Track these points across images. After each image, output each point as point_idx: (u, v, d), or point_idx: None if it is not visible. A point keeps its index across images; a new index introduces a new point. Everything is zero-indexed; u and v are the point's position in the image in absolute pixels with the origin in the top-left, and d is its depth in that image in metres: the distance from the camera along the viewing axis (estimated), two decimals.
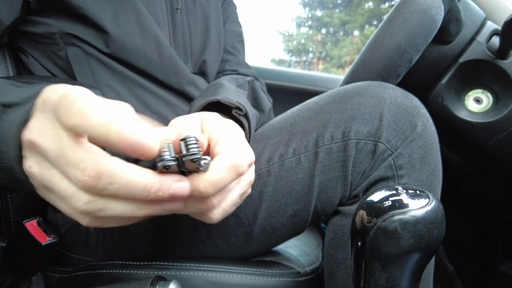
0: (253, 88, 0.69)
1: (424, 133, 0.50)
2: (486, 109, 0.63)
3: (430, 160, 0.50)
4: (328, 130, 0.51)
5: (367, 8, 15.03)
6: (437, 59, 0.63)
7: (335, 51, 15.33)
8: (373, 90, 0.52)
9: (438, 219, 0.32)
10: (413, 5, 0.56)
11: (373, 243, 0.32)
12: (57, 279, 0.58)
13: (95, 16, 0.53)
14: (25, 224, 0.43)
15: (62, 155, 0.29)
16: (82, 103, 0.28)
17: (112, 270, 0.55)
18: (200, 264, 0.55)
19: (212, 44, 0.72)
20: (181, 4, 0.66)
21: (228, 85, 0.62)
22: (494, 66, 0.60)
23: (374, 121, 0.49)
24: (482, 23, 0.64)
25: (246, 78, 0.70)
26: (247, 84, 0.68)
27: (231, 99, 0.52)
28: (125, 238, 0.58)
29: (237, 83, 0.66)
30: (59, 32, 0.54)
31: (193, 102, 0.59)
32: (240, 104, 0.52)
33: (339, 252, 0.52)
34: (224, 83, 0.63)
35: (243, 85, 0.66)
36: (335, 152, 0.50)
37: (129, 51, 0.56)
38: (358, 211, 0.35)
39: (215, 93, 0.56)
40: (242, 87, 0.65)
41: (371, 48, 0.59)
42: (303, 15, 17.45)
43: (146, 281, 0.39)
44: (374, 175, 0.49)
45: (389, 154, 0.49)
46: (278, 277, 0.55)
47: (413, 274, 0.34)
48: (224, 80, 0.65)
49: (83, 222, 0.30)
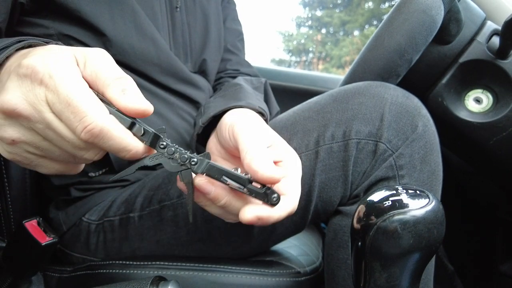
0: (266, 91, 0.69)
1: (424, 133, 0.50)
2: (486, 109, 0.63)
3: (430, 160, 0.50)
4: (329, 130, 0.51)
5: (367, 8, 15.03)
6: (437, 59, 0.63)
7: (335, 51, 15.33)
8: (374, 90, 0.52)
9: (438, 219, 0.32)
10: (413, 5, 0.56)
11: (373, 243, 0.32)
12: (57, 279, 0.58)
13: (92, 19, 0.53)
14: (25, 224, 0.43)
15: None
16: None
17: (112, 270, 0.55)
18: (200, 264, 0.55)
19: (212, 43, 0.72)
20: (180, 3, 0.65)
21: (247, 87, 0.61)
22: (494, 66, 0.60)
23: (375, 121, 0.49)
24: (482, 23, 0.64)
25: (261, 80, 0.69)
26: (262, 86, 0.67)
27: (254, 105, 0.52)
28: (126, 237, 0.58)
29: (253, 85, 0.66)
30: (56, 33, 0.54)
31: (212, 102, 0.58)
32: (262, 109, 0.52)
33: (339, 252, 0.52)
34: (243, 85, 0.62)
35: (259, 88, 0.66)
36: (335, 152, 0.50)
37: (127, 53, 0.56)
38: (358, 211, 0.35)
39: (236, 97, 0.56)
40: (258, 90, 0.65)
41: (371, 48, 0.59)
42: (303, 15, 17.45)
43: (146, 281, 0.39)
44: (375, 175, 0.49)
45: (390, 154, 0.49)
46: (278, 277, 0.55)
47: (413, 274, 0.34)
48: (242, 82, 0.65)
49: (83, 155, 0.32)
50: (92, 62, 0.32)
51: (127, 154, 0.32)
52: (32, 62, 0.29)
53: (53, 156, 0.32)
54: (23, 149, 0.32)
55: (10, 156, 0.32)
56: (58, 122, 0.30)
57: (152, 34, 0.59)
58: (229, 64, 0.78)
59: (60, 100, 0.29)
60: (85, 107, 0.29)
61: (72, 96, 0.29)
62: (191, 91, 0.66)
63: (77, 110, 0.29)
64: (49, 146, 0.32)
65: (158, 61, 0.60)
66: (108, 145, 0.30)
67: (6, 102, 0.30)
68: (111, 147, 0.31)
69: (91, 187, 0.60)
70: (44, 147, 0.32)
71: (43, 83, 0.29)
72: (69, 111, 0.29)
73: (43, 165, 0.33)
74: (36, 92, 0.29)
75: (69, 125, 0.29)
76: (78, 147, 0.31)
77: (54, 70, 0.29)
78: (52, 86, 0.29)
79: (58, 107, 0.29)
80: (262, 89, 0.67)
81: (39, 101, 0.29)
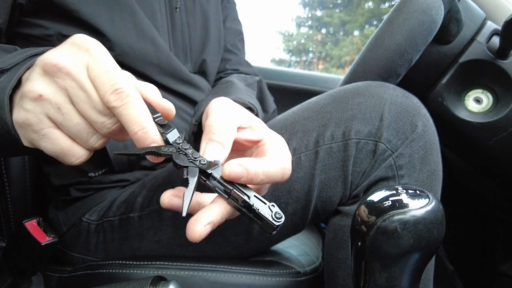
0: (260, 89, 0.69)
1: (424, 133, 0.50)
2: (486, 109, 0.62)
3: (430, 160, 0.50)
4: (328, 130, 0.51)
5: (367, 8, 15.03)
6: (437, 59, 0.63)
7: (335, 51, 15.32)
8: (374, 90, 0.52)
9: (438, 219, 0.32)
10: (413, 5, 0.56)
11: (373, 243, 0.32)
12: (57, 278, 0.58)
13: (92, 19, 0.53)
14: (25, 224, 0.43)
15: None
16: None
17: (112, 270, 0.55)
18: (200, 264, 0.55)
19: (212, 43, 0.72)
20: (180, 3, 0.65)
21: (238, 83, 0.62)
22: (494, 66, 0.60)
23: (374, 121, 0.49)
24: (482, 23, 0.64)
25: (255, 78, 0.69)
26: (256, 83, 0.68)
27: (243, 99, 0.52)
28: (126, 237, 0.58)
29: (246, 82, 0.66)
30: (55, 34, 0.54)
31: (204, 100, 0.59)
32: (252, 104, 0.52)
33: (339, 252, 0.51)
34: (235, 81, 0.63)
35: (252, 85, 0.66)
36: (335, 152, 0.50)
37: (127, 54, 0.56)
38: (358, 211, 0.35)
39: (226, 91, 0.56)
40: (251, 87, 0.65)
41: (371, 48, 0.59)
42: (303, 15, 17.44)
43: (146, 281, 0.39)
44: (375, 175, 0.49)
45: (389, 154, 0.48)
46: (278, 277, 0.55)
47: (413, 274, 0.34)
48: (234, 78, 0.65)
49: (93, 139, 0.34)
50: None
51: (143, 134, 0.33)
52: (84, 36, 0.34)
53: (69, 125, 0.33)
54: (43, 110, 0.33)
55: (26, 116, 0.33)
56: (90, 85, 0.33)
57: (151, 34, 0.59)
58: (228, 64, 0.78)
59: (100, 67, 0.32)
60: (120, 77, 0.33)
61: (111, 66, 0.33)
62: (191, 92, 0.66)
63: (113, 77, 0.32)
64: (71, 111, 0.33)
65: (157, 61, 0.60)
66: (127, 113, 0.32)
67: (50, 57, 0.32)
68: (129, 117, 0.32)
69: (90, 187, 0.60)
70: (66, 111, 0.33)
71: (89, 51, 0.33)
72: (106, 77, 0.32)
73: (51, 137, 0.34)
74: (81, 56, 0.33)
75: (101, 88, 0.32)
76: (100, 112, 0.33)
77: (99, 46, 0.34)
78: (96, 55, 0.33)
79: (97, 72, 0.32)
80: (255, 86, 0.67)
81: (81, 64, 0.33)
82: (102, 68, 0.32)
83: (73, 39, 0.34)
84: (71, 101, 0.33)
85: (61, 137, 0.34)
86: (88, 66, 0.33)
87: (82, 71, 0.33)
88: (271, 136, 0.41)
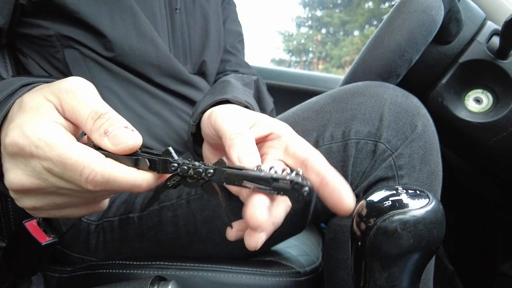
0: (258, 88, 0.69)
1: (424, 133, 0.50)
2: (486, 109, 0.62)
3: (430, 160, 0.50)
4: (328, 130, 0.51)
5: (367, 8, 15.03)
6: (437, 59, 0.63)
7: (335, 51, 15.33)
8: (374, 90, 0.52)
9: (438, 219, 0.32)
10: (413, 5, 0.56)
11: (373, 243, 0.32)
12: (57, 279, 0.58)
13: (92, 20, 0.53)
14: (25, 224, 0.43)
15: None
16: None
17: (112, 270, 0.55)
18: (200, 264, 0.55)
19: (212, 44, 0.72)
20: (180, 4, 0.65)
21: (235, 83, 0.62)
22: (494, 66, 0.60)
23: (374, 121, 0.49)
24: (482, 23, 0.64)
25: (252, 77, 0.69)
26: (253, 83, 0.68)
27: (240, 98, 0.52)
28: (126, 238, 0.58)
29: (243, 82, 0.66)
30: (56, 34, 0.54)
31: (202, 100, 0.59)
32: (249, 103, 0.52)
33: (339, 252, 0.51)
34: (232, 81, 0.63)
35: (249, 84, 0.66)
36: (335, 152, 0.50)
37: (127, 54, 0.57)
38: (358, 211, 0.35)
39: (223, 91, 0.56)
40: (248, 86, 0.65)
41: (371, 48, 0.59)
42: (303, 15, 17.45)
43: (146, 281, 0.39)
44: (374, 175, 0.49)
45: (389, 154, 0.48)
46: (278, 277, 0.55)
47: (413, 274, 0.34)
48: (231, 78, 0.65)
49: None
50: (66, 102, 0.31)
51: (140, 189, 0.31)
52: (13, 139, 0.29)
53: (75, 204, 0.33)
54: (45, 210, 0.33)
55: (38, 215, 0.34)
56: (64, 182, 0.30)
57: (151, 35, 0.59)
58: (228, 65, 0.78)
59: (55, 165, 0.29)
60: (80, 161, 0.29)
61: (64, 156, 0.28)
62: (190, 92, 0.66)
63: (74, 167, 0.29)
64: (68, 199, 0.32)
65: (157, 62, 0.60)
66: (116, 186, 0.30)
67: (12, 182, 0.30)
68: (120, 187, 0.30)
69: None
70: (64, 202, 0.33)
71: (33, 155, 0.29)
72: (67, 171, 0.29)
73: (70, 214, 0.34)
74: (33, 165, 0.29)
75: (73, 182, 0.30)
76: (93, 194, 0.32)
77: (36, 139, 0.29)
78: (43, 155, 0.29)
79: (57, 170, 0.29)
80: (252, 85, 0.67)
81: (40, 171, 0.30)
82: (58, 164, 0.29)
83: (8, 149, 0.30)
84: (60, 194, 0.32)
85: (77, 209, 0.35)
86: (46, 168, 0.29)
87: (46, 176, 0.30)
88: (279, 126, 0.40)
